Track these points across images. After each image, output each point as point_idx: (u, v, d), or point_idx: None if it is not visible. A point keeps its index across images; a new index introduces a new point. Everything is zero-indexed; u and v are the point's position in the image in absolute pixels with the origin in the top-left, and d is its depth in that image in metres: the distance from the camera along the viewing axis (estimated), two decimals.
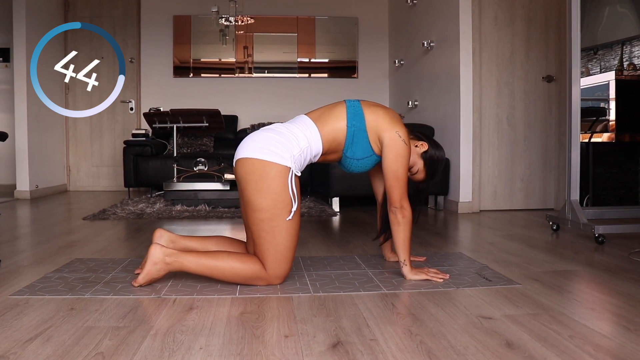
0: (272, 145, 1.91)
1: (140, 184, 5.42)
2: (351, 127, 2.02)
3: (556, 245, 2.77)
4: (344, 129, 2.03)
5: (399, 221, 2.02)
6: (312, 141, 1.99)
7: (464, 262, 2.34)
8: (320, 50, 6.61)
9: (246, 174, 1.91)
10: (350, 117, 2.03)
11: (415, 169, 2.17)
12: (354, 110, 2.05)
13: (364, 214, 4.09)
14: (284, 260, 1.91)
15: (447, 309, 1.66)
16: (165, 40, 6.45)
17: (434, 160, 2.17)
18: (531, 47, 4.34)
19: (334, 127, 2.03)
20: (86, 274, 2.10)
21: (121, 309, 1.65)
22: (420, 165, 2.17)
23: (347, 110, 2.05)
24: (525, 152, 4.36)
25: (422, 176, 2.19)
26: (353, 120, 2.03)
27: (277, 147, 1.91)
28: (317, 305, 1.70)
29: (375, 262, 2.35)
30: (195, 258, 1.89)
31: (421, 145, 2.16)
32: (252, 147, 1.93)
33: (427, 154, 2.16)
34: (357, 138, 2.03)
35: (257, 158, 1.89)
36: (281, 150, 1.91)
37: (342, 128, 2.03)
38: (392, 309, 1.66)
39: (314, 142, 1.99)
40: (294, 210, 1.89)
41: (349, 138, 2.03)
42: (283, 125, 2.03)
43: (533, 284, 1.97)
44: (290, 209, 1.89)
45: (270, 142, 1.92)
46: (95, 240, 2.94)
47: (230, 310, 1.65)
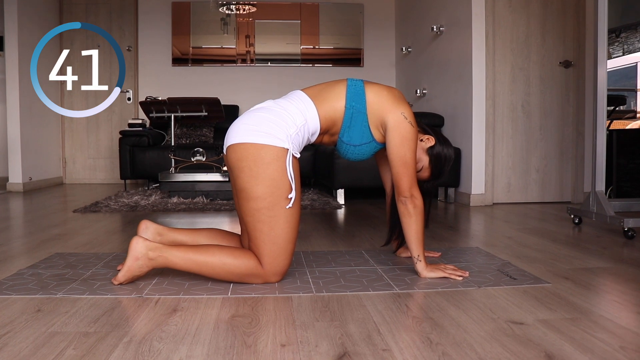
0: (265, 126, 1.69)
1: (137, 176, 5.21)
2: (349, 109, 1.80)
3: (581, 240, 2.54)
4: (341, 109, 1.81)
5: (409, 212, 1.79)
6: (309, 118, 1.77)
7: (482, 257, 2.12)
8: (325, 39, 6.37)
9: (238, 160, 1.68)
10: (350, 98, 1.81)
11: (420, 166, 1.94)
12: (355, 90, 1.82)
13: (370, 206, 3.87)
14: (282, 255, 1.69)
15: (470, 312, 1.43)
16: (163, 28, 6.22)
17: (441, 158, 1.93)
18: (548, 31, 4.10)
19: (332, 106, 1.81)
20: (63, 270, 1.89)
21: (95, 311, 1.44)
22: (425, 162, 1.93)
23: (347, 90, 1.82)
24: (540, 141, 4.12)
25: (427, 175, 1.96)
26: (352, 101, 1.80)
27: (270, 127, 1.69)
28: (320, 307, 1.48)
29: (384, 257, 2.12)
30: (182, 253, 1.67)
31: (427, 139, 1.93)
32: (242, 131, 1.70)
33: (434, 150, 1.92)
34: (355, 121, 1.81)
35: (249, 142, 1.67)
36: (275, 130, 1.68)
37: (339, 108, 1.81)
38: (406, 312, 1.44)
39: (310, 119, 1.77)
40: (293, 197, 1.67)
41: (346, 121, 1.81)
42: (274, 102, 1.81)
43: (564, 282, 1.74)
44: (289, 195, 1.67)
45: (262, 123, 1.70)
46: (82, 233, 2.73)
47: (219, 312, 1.43)
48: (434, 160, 1.93)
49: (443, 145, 1.94)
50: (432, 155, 1.92)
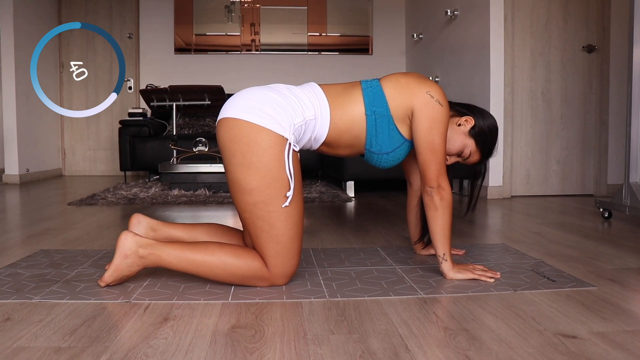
0: (270, 107, 1.48)
1: (138, 167, 5.01)
2: (371, 115, 1.57)
3: (615, 236, 2.32)
4: (362, 118, 1.58)
5: (435, 205, 1.58)
6: (320, 117, 1.55)
7: (511, 255, 1.91)
8: (332, 26, 6.12)
9: (230, 141, 1.46)
10: (369, 102, 1.58)
11: (467, 152, 1.72)
12: (373, 92, 1.59)
13: (382, 199, 3.66)
14: (289, 255, 1.49)
15: (510, 321, 1.23)
16: (166, 15, 6.00)
17: (485, 133, 1.71)
18: (570, 14, 3.86)
19: (350, 114, 1.58)
20: (45, 270, 1.69)
21: (73, 320, 1.24)
22: (472, 146, 1.71)
23: (363, 93, 1.60)
24: (562, 131, 3.89)
25: (477, 157, 1.74)
26: (372, 106, 1.57)
27: (275, 110, 1.47)
28: (335, 316, 1.27)
29: (402, 255, 1.92)
30: (177, 251, 1.47)
31: (465, 121, 1.71)
32: (242, 105, 1.49)
33: (476, 128, 1.71)
34: (380, 128, 1.59)
35: (246, 120, 1.45)
36: (280, 115, 1.47)
37: (359, 117, 1.58)
38: (436, 322, 1.23)
39: (321, 118, 1.56)
40: (290, 195, 1.46)
41: (370, 129, 1.59)
42: (287, 86, 1.59)
43: (611, 286, 1.53)
44: (287, 193, 1.46)
45: (268, 103, 1.48)
46: (74, 227, 2.54)
47: (218, 322, 1.23)
48: (480, 140, 1.71)
49: (483, 119, 1.72)
50: (477, 136, 1.70)
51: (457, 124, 1.71)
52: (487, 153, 1.74)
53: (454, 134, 1.71)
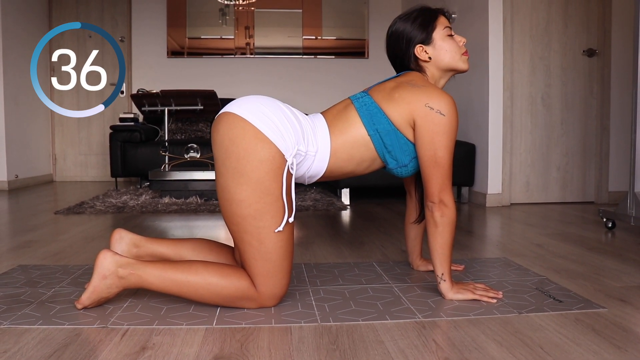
0: (280, 120, 1.39)
1: (129, 174, 4.91)
2: (375, 134, 1.49)
3: (621, 249, 2.23)
4: (365, 140, 1.50)
5: (436, 221, 1.48)
6: (318, 154, 1.48)
7: (514, 272, 1.81)
8: (327, 29, 6.03)
9: (230, 140, 1.36)
10: (368, 121, 1.49)
11: (454, 43, 1.67)
12: (368, 109, 1.51)
13: (377, 207, 3.56)
14: (278, 274, 1.39)
15: (516, 351, 1.13)
16: (158, 18, 5.90)
17: (409, 29, 1.73)
18: (570, 16, 3.78)
19: (352, 142, 1.50)
20: (20, 289, 1.59)
21: (43, 349, 1.14)
22: (445, 40, 1.65)
23: (358, 113, 1.51)
24: (562, 137, 3.80)
25: (450, 32, 1.68)
26: (373, 124, 1.49)
27: (284, 125, 1.39)
28: (327, 344, 1.17)
29: (399, 271, 1.82)
30: (159, 271, 1.37)
31: (418, 53, 1.67)
32: (253, 108, 1.40)
33: (416, 40, 1.69)
34: (389, 143, 1.50)
35: (252, 123, 1.36)
36: (288, 132, 1.39)
37: (362, 139, 1.50)
38: (435, 352, 1.14)
39: (320, 155, 1.48)
40: (284, 222, 1.38)
41: (379, 148, 1.51)
42: (298, 111, 1.51)
43: (622, 307, 1.43)
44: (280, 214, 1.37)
45: (278, 116, 1.40)
46: (58, 239, 2.43)
47: (199, 351, 1.13)
48: (422, 31, 1.68)
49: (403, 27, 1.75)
50: (424, 38, 1.66)
51: (424, 60, 1.66)
52: (424, 22, 1.68)
53: (438, 53, 1.65)
